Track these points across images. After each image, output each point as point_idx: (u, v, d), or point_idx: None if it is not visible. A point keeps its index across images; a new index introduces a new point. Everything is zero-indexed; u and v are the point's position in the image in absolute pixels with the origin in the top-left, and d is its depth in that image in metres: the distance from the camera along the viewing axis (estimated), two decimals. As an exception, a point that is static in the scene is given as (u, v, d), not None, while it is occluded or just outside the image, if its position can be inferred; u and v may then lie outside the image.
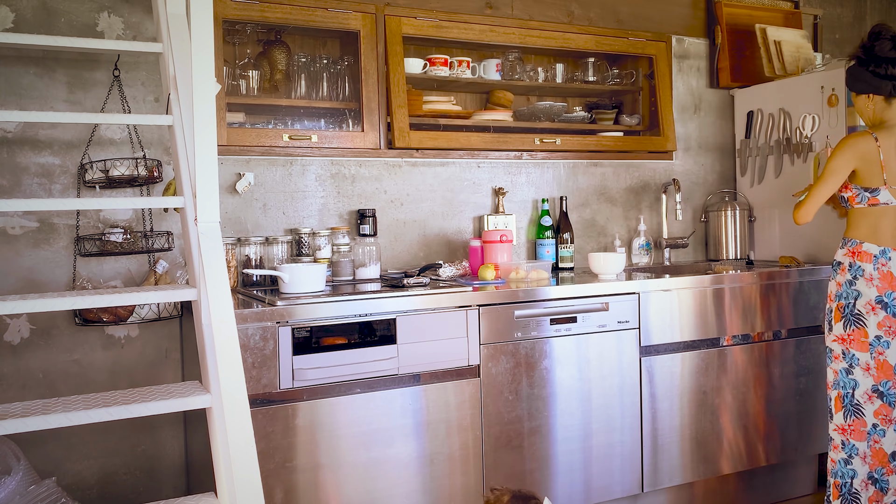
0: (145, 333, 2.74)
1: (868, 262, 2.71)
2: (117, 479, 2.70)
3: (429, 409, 2.48)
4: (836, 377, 2.77)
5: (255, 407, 2.22)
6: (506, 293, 2.60)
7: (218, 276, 2.01)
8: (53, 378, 2.60)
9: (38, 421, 1.81)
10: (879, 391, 2.71)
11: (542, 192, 3.45)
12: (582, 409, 2.73)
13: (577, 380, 2.71)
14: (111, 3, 2.69)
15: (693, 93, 3.80)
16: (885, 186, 2.70)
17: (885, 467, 2.72)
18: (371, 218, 3.00)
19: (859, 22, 4.34)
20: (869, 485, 2.73)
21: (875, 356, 2.70)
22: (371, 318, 2.41)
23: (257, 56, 2.90)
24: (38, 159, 2.59)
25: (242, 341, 2.20)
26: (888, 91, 2.72)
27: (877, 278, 2.70)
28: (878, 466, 2.71)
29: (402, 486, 2.44)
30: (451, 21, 3.07)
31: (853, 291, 2.73)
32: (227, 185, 2.87)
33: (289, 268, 2.51)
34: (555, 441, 2.68)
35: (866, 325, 2.71)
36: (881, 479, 2.72)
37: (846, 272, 2.75)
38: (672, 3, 3.77)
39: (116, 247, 2.58)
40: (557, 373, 2.68)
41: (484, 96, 3.37)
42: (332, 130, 2.89)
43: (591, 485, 2.75)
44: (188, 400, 1.96)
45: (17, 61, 2.56)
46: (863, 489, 2.72)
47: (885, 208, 2.71)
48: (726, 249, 3.64)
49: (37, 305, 1.92)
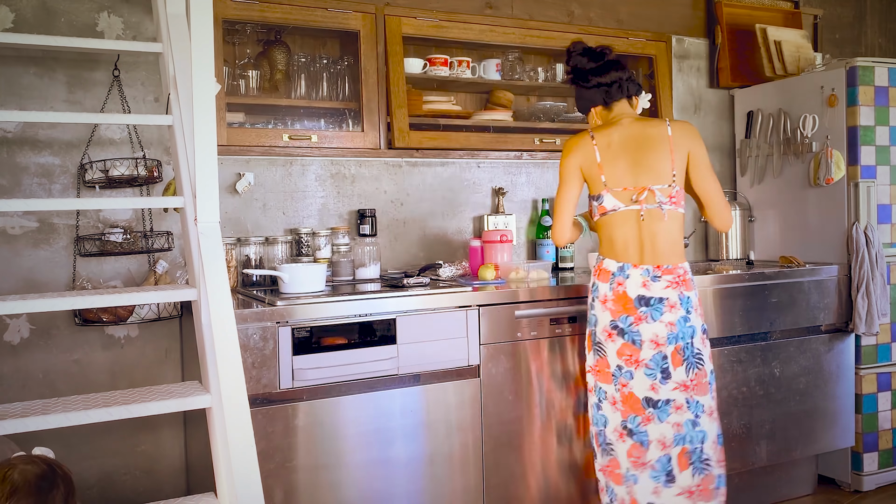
0: (145, 333, 2.74)
1: (605, 281, 2.40)
2: (117, 479, 2.69)
3: (429, 410, 2.48)
4: (591, 412, 2.48)
5: (255, 407, 2.22)
6: (506, 293, 2.60)
7: (218, 276, 2.01)
8: (53, 378, 2.60)
9: (38, 421, 1.81)
10: (628, 428, 2.38)
11: (542, 192, 3.44)
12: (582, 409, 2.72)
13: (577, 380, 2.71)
14: (111, 3, 2.69)
15: (693, 93, 3.80)
16: (606, 190, 2.40)
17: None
18: (371, 218, 3.00)
19: (859, 22, 4.34)
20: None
21: (619, 388, 2.38)
22: (371, 318, 2.41)
23: (257, 56, 2.90)
24: (38, 159, 2.59)
25: (242, 341, 2.20)
26: (602, 100, 2.51)
27: (611, 300, 2.38)
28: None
29: (402, 486, 2.44)
30: (451, 21, 3.06)
31: (592, 317, 2.45)
32: (227, 185, 2.87)
33: (289, 268, 2.51)
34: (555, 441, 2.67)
35: (606, 354, 2.40)
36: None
37: (591, 293, 2.47)
38: (672, 3, 3.76)
39: (116, 247, 2.57)
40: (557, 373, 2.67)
41: (484, 96, 3.37)
42: (332, 130, 2.89)
43: (591, 485, 2.74)
44: (188, 400, 1.96)
45: (17, 61, 2.56)
46: None
47: (615, 216, 2.39)
48: (726, 249, 3.64)
49: (37, 305, 1.92)
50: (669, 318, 2.35)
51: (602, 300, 2.40)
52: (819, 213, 3.34)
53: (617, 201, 2.39)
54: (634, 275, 2.36)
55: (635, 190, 2.38)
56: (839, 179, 3.24)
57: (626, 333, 2.37)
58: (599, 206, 2.43)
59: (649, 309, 2.35)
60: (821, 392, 3.17)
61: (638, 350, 2.36)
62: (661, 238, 2.38)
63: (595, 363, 2.46)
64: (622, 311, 2.37)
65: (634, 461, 2.38)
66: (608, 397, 2.42)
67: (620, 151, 2.41)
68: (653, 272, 2.36)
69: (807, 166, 3.40)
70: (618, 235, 2.41)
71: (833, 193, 3.29)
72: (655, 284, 2.35)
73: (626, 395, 2.39)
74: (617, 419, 2.41)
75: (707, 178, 2.45)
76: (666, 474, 2.37)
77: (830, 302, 3.19)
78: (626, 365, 2.38)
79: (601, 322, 2.42)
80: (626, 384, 2.38)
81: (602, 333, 2.42)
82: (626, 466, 2.39)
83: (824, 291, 3.18)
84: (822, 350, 3.18)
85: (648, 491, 2.36)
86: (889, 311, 3.23)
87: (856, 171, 3.21)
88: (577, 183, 2.46)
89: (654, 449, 2.37)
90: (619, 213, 2.39)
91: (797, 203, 3.46)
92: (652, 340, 2.36)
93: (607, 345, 2.40)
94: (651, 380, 2.36)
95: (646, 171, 2.39)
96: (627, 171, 2.40)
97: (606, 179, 2.40)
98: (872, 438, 3.27)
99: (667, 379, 2.37)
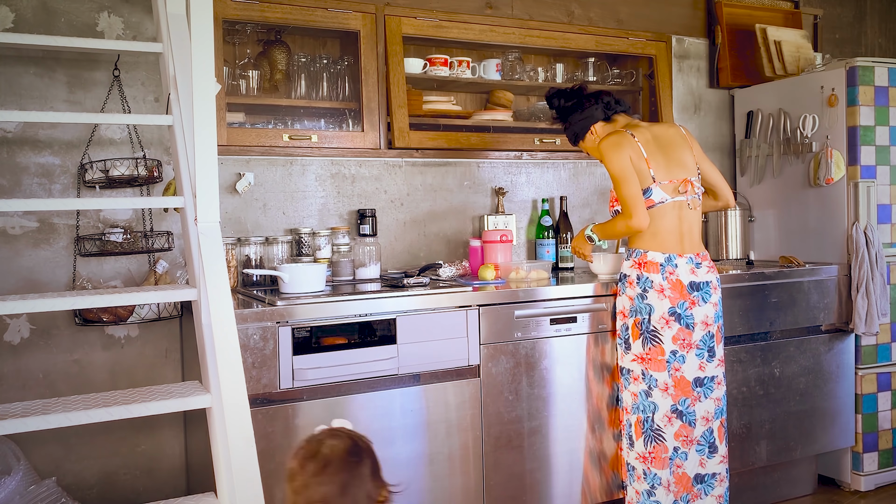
0: (145, 333, 2.74)
1: (655, 272, 2.52)
2: (117, 479, 2.69)
3: (429, 409, 2.48)
4: (634, 400, 2.57)
5: (255, 407, 2.22)
6: (506, 293, 2.60)
7: (218, 276, 2.01)
8: (53, 378, 2.60)
9: (38, 421, 1.81)
10: (679, 411, 2.53)
11: (542, 192, 3.44)
12: (582, 409, 2.72)
13: (577, 380, 2.71)
14: (111, 3, 2.69)
15: (693, 93, 3.80)
16: (655, 184, 2.53)
17: (690, 492, 2.55)
18: (371, 218, 3.00)
19: (859, 22, 4.34)
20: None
21: (672, 373, 2.52)
22: (371, 318, 2.41)
23: (257, 56, 2.90)
24: (38, 159, 2.59)
25: (242, 341, 2.20)
26: (602, 114, 2.68)
27: (668, 288, 2.51)
28: (684, 493, 2.54)
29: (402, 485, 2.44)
30: (451, 21, 3.06)
31: (645, 306, 2.54)
32: (227, 185, 2.87)
33: (289, 268, 2.51)
34: (555, 441, 2.68)
35: (662, 342, 2.52)
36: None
37: (635, 285, 2.56)
38: (672, 3, 3.77)
39: (116, 247, 2.57)
40: (557, 373, 2.68)
41: (484, 96, 3.37)
42: (332, 130, 2.89)
43: (591, 485, 2.74)
44: (188, 400, 1.97)
45: (17, 61, 2.56)
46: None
47: (662, 208, 2.53)
48: (726, 249, 3.64)
49: (37, 305, 1.92)
50: (714, 300, 2.57)
51: (658, 289, 2.52)
52: (819, 213, 3.34)
53: (664, 194, 2.53)
54: (681, 263, 2.53)
55: (679, 182, 2.55)
56: (839, 179, 3.24)
57: (682, 318, 2.52)
58: (647, 200, 2.54)
59: (700, 293, 2.54)
60: (821, 392, 3.18)
61: (690, 333, 2.53)
62: (695, 228, 2.59)
63: (647, 352, 2.55)
64: (679, 298, 2.52)
65: (683, 440, 2.54)
66: (660, 384, 2.53)
67: (658, 147, 2.57)
68: (695, 260, 2.56)
69: (807, 166, 3.40)
70: (661, 227, 2.54)
71: (833, 193, 3.29)
72: (700, 270, 2.55)
73: (678, 378, 2.53)
74: (667, 404, 2.53)
75: (712, 167, 2.73)
76: (709, 446, 2.57)
77: (830, 302, 3.19)
78: (680, 349, 2.53)
79: (658, 310, 2.52)
80: (678, 368, 2.53)
81: (659, 321, 2.53)
82: (673, 447, 2.54)
83: (824, 291, 3.18)
84: (822, 350, 3.18)
85: (695, 464, 2.55)
86: (889, 311, 3.23)
87: (856, 171, 3.21)
88: (635, 173, 2.54)
89: (700, 425, 2.56)
90: (665, 206, 2.53)
91: (797, 203, 3.46)
92: (703, 322, 2.55)
93: (664, 332, 2.52)
94: (700, 359, 2.55)
95: (679, 166, 2.58)
96: (667, 165, 2.56)
97: (655, 173, 2.53)
98: (872, 438, 3.27)
99: (712, 357, 2.57)
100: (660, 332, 2.53)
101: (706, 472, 2.57)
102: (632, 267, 2.58)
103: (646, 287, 2.54)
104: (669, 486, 2.54)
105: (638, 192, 2.51)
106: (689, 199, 2.56)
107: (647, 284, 2.54)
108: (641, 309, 2.55)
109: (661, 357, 2.52)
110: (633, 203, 2.51)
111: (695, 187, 2.58)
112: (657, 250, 2.53)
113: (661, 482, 2.53)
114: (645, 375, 2.55)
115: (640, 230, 2.54)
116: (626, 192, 2.52)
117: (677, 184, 2.54)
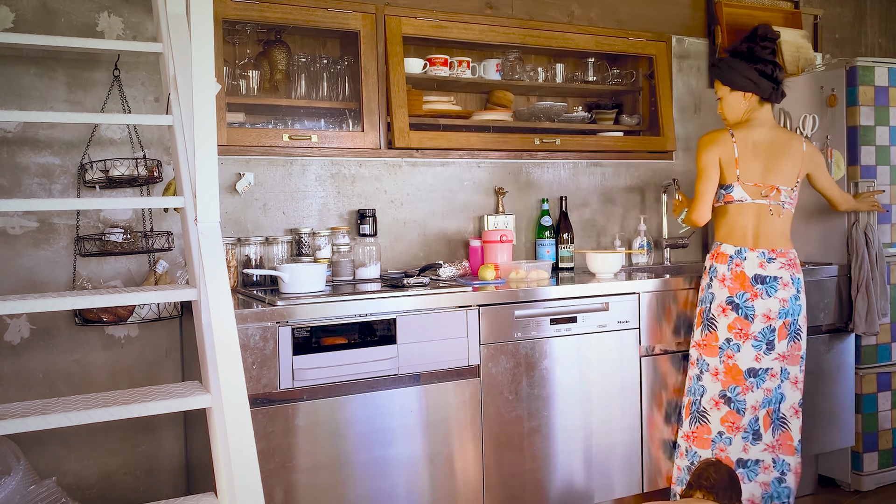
0: (145, 333, 2.74)
1: (723, 263, 2.70)
2: (117, 479, 2.70)
3: (429, 409, 2.48)
4: (689, 384, 2.77)
5: (255, 407, 2.22)
6: (506, 293, 2.60)
7: (218, 276, 2.01)
8: (53, 378, 2.60)
9: (38, 421, 1.81)
10: (727, 397, 2.68)
11: (542, 192, 3.45)
12: (582, 409, 2.73)
13: (577, 380, 2.71)
14: (111, 3, 2.69)
15: (693, 93, 3.80)
16: (738, 182, 2.71)
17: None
18: (371, 218, 3.00)
19: (859, 22, 4.34)
20: None
21: (724, 360, 2.68)
22: (371, 318, 2.41)
23: (257, 56, 2.90)
24: (38, 159, 2.59)
25: (242, 341, 2.20)
26: (768, 92, 2.74)
27: (729, 279, 2.68)
28: None
29: (403, 485, 2.44)
30: (451, 21, 3.06)
31: (709, 295, 2.72)
32: (227, 185, 2.87)
33: (289, 268, 2.51)
34: (555, 441, 2.68)
35: (717, 329, 2.69)
36: None
37: (707, 275, 2.76)
38: (672, 3, 3.77)
39: (116, 247, 2.57)
40: (557, 373, 2.68)
41: (484, 96, 3.37)
42: (332, 130, 2.89)
43: (591, 485, 2.75)
44: (188, 400, 1.96)
45: (17, 61, 2.56)
46: None
47: (741, 206, 2.72)
48: (726, 249, 3.64)
49: (37, 305, 1.92)
50: (782, 296, 2.67)
51: (720, 279, 2.69)
52: (819, 213, 3.33)
53: (745, 193, 2.70)
54: (751, 257, 2.67)
55: (765, 187, 2.72)
56: (839, 179, 3.24)
57: (740, 308, 2.66)
58: (727, 195, 2.74)
59: (764, 286, 2.66)
60: (821, 392, 3.17)
61: (749, 324, 2.66)
62: (775, 229, 2.72)
63: (703, 338, 2.72)
64: (739, 289, 2.66)
65: (729, 426, 2.69)
66: (710, 369, 2.70)
67: (758, 152, 2.74)
68: (768, 255, 2.68)
69: (807, 166, 3.39)
70: (738, 223, 2.72)
71: (833, 193, 3.29)
72: (770, 265, 2.67)
73: (729, 366, 2.67)
74: (716, 389, 2.70)
75: (830, 182, 2.95)
76: (753, 433, 2.71)
77: (830, 302, 3.19)
78: (734, 338, 2.67)
79: (717, 298, 2.69)
80: (731, 356, 2.67)
81: (716, 309, 2.69)
82: (717, 431, 2.70)
83: (824, 291, 3.18)
84: (822, 350, 3.18)
85: (739, 449, 2.70)
86: (889, 311, 3.23)
87: (856, 171, 3.21)
88: (717, 173, 2.75)
89: (748, 414, 2.69)
90: (744, 204, 2.71)
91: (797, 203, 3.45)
92: (764, 315, 2.65)
93: (720, 319, 2.68)
94: (757, 351, 2.67)
95: (774, 173, 2.74)
96: (761, 169, 2.73)
97: (741, 174, 2.71)
98: (872, 438, 3.27)
99: (771, 350, 2.68)
100: (716, 319, 2.69)
101: (749, 458, 2.70)
102: (708, 258, 2.78)
103: (712, 277, 2.72)
104: None
105: (709, 190, 2.74)
106: (772, 205, 2.71)
107: (714, 274, 2.72)
108: (706, 298, 2.73)
109: (714, 343, 2.69)
110: (701, 198, 2.75)
111: (781, 195, 2.73)
112: (730, 243, 2.72)
113: (699, 460, 2.64)
114: (700, 361, 2.73)
115: (696, 224, 2.78)
116: (699, 186, 2.76)
117: (763, 188, 2.71)
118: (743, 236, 2.71)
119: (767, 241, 2.70)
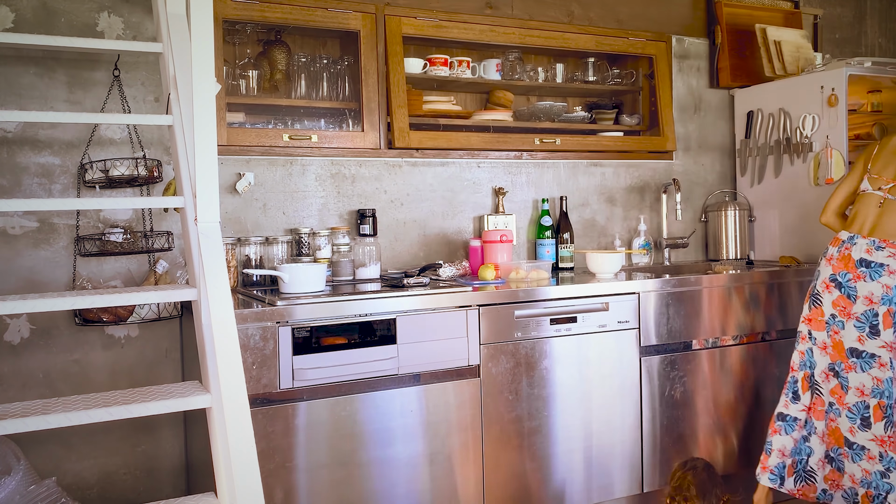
0: (145, 333, 2.74)
1: (835, 245, 2.80)
2: (117, 479, 2.70)
3: (429, 409, 2.48)
4: (801, 358, 2.82)
5: (255, 407, 2.22)
6: (506, 293, 2.60)
7: (218, 276, 2.01)
8: (53, 378, 2.60)
9: (38, 421, 1.81)
10: (835, 370, 2.76)
11: (542, 192, 3.45)
12: (582, 409, 2.73)
13: (577, 380, 2.71)
14: (111, 3, 2.69)
15: (693, 93, 3.80)
16: (867, 175, 2.80)
17: (841, 449, 2.74)
18: (371, 218, 3.00)
19: (859, 22, 4.34)
20: (825, 463, 2.77)
21: (831, 335, 2.76)
22: (371, 318, 2.41)
23: (257, 56, 2.90)
24: (38, 159, 2.59)
25: (242, 341, 2.20)
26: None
27: (835, 258, 2.76)
28: (835, 446, 2.75)
29: (403, 485, 2.44)
30: (451, 21, 3.06)
31: (817, 272, 2.83)
32: (227, 185, 2.87)
33: (289, 268, 2.51)
34: (555, 441, 2.68)
35: (822, 304, 2.78)
36: (837, 458, 2.75)
37: (823, 256, 2.86)
38: (672, 3, 3.77)
39: (116, 247, 2.57)
40: (557, 373, 2.68)
41: (484, 96, 3.37)
42: (332, 130, 2.89)
43: (591, 485, 2.75)
44: (188, 400, 1.96)
45: (17, 61, 2.56)
46: (819, 468, 2.78)
47: (863, 196, 2.80)
48: (726, 249, 3.64)
49: (37, 305, 1.92)
50: (887, 282, 2.68)
51: (828, 258, 2.79)
52: (819, 212, 3.33)
53: (868, 185, 2.80)
54: (861, 243, 2.73)
55: (887, 181, 2.78)
56: (839, 179, 3.24)
57: (842, 287, 2.73)
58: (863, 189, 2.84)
59: (869, 270, 2.71)
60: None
61: (851, 304, 2.72)
62: (891, 222, 2.74)
63: (810, 312, 2.81)
64: (842, 268, 2.75)
65: (838, 398, 2.75)
66: (819, 343, 2.78)
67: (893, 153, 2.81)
68: (878, 243, 2.72)
69: (807, 166, 3.40)
70: (858, 211, 2.80)
71: (833, 193, 3.29)
72: (879, 252, 2.71)
73: (836, 341, 2.74)
74: (825, 362, 2.77)
75: None
76: (861, 419, 2.70)
77: None
78: (839, 315, 2.74)
79: (822, 275, 2.79)
80: (837, 332, 2.74)
81: (821, 285, 2.78)
82: (828, 402, 2.77)
83: (824, 291, 3.18)
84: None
85: (846, 428, 2.73)
86: (889, 310, 3.23)
87: (856, 171, 3.21)
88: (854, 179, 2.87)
89: (853, 394, 2.71)
90: (865, 194, 2.80)
91: (797, 203, 3.46)
92: (866, 297, 2.69)
93: (824, 295, 2.77)
94: (859, 332, 2.70)
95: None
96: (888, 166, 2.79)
97: (871, 167, 2.83)
98: (872, 438, 3.27)
99: (875, 335, 2.69)
100: (821, 294, 2.78)
101: (855, 441, 2.71)
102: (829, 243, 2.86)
103: (822, 256, 2.83)
104: (823, 437, 2.76)
105: (840, 193, 2.90)
106: (887, 198, 2.76)
107: (825, 254, 2.82)
108: (815, 275, 2.83)
109: (821, 318, 2.78)
110: (830, 199, 2.92)
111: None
112: (846, 230, 2.80)
113: (815, 431, 2.77)
114: (810, 336, 2.80)
115: (820, 221, 2.96)
116: (836, 187, 2.92)
117: (884, 181, 2.78)
118: (859, 225, 2.79)
119: (881, 231, 2.75)
